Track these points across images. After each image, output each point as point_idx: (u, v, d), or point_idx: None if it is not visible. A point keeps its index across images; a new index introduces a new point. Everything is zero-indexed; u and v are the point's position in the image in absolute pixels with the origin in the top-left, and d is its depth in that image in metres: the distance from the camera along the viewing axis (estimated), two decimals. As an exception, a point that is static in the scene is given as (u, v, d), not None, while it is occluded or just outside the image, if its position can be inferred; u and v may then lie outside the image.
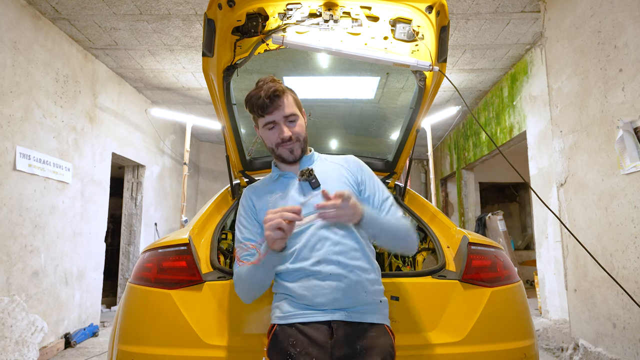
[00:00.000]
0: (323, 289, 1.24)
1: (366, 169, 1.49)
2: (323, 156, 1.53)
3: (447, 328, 1.53)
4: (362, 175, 1.45)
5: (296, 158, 1.42)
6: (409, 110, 2.08)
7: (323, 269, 1.26)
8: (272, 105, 1.34)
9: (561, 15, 3.15)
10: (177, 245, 1.60)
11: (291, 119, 1.39)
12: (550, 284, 4.45)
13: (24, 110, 3.45)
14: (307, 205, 1.31)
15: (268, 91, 1.33)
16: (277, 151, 1.42)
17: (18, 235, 3.37)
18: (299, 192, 1.39)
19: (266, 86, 1.35)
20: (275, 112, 1.36)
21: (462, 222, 7.32)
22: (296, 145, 1.40)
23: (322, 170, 1.43)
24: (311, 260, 1.28)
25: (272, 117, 1.36)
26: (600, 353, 2.77)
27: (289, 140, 1.38)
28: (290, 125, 1.39)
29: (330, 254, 1.28)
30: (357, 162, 1.50)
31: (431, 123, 5.69)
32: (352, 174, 1.44)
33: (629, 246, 2.51)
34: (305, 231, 1.31)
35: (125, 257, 5.83)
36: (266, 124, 1.39)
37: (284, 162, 1.45)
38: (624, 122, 2.43)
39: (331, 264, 1.27)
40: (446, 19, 1.50)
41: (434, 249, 2.12)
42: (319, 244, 1.29)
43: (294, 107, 1.40)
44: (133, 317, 1.54)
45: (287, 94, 1.40)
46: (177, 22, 3.84)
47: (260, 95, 1.34)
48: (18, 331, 3.29)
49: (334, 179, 1.41)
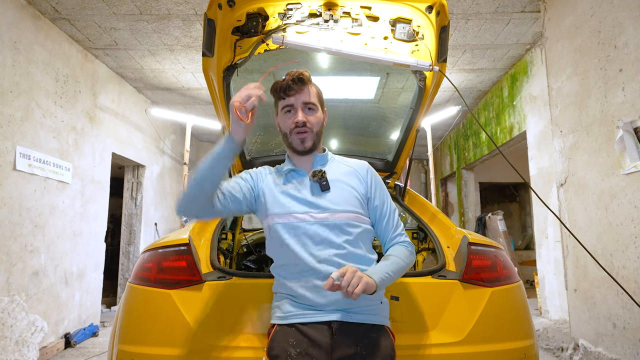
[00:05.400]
0: (324, 289, 1.24)
1: (377, 179, 1.48)
2: (338, 158, 1.52)
3: (447, 328, 1.53)
4: (373, 184, 1.45)
5: (305, 149, 1.40)
6: (409, 110, 2.08)
7: (324, 268, 1.26)
8: (294, 88, 1.36)
9: (561, 15, 3.15)
10: (177, 245, 1.60)
11: (310, 106, 1.39)
12: (550, 284, 4.45)
13: (24, 110, 3.45)
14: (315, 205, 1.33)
15: (294, 75, 1.36)
16: (289, 138, 1.41)
17: (18, 235, 3.37)
18: (308, 190, 1.38)
19: (294, 72, 1.38)
20: (297, 95, 1.37)
21: (462, 222, 7.32)
22: (309, 136, 1.39)
23: (334, 174, 1.42)
24: (311, 259, 1.28)
25: (291, 100, 1.38)
26: (600, 353, 2.77)
27: (303, 127, 1.37)
28: (308, 113, 1.39)
29: (332, 255, 1.28)
30: (370, 170, 1.49)
31: (431, 123, 5.69)
32: (362, 182, 1.44)
33: (629, 246, 2.51)
34: (308, 229, 1.31)
35: (125, 257, 5.83)
36: (285, 106, 1.39)
37: (295, 152, 1.43)
38: (624, 122, 2.43)
39: (332, 264, 1.27)
40: (446, 19, 1.50)
41: (434, 249, 2.13)
42: (322, 244, 1.30)
43: (315, 99, 1.41)
44: (133, 317, 1.54)
45: (312, 85, 1.42)
46: (177, 22, 3.84)
47: (286, 78, 1.37)
48: (18, 331, 3.29)
49: (343, 184, 1.40)
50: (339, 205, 1.34)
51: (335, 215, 1.32)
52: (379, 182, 1.47)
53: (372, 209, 1.42)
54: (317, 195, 1.36)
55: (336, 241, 1.29)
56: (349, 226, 1.33)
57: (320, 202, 1.34)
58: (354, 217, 1.34)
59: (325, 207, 1.33)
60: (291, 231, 1.32)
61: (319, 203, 1.34)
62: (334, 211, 1.33)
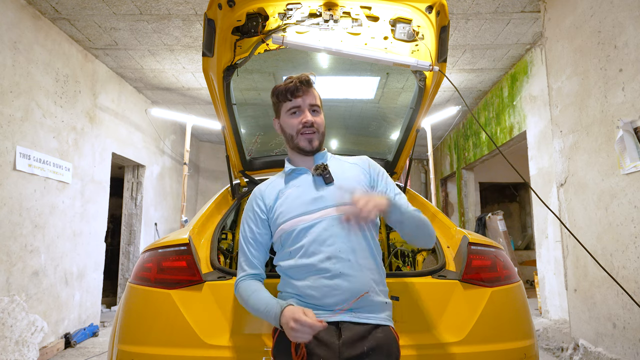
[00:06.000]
0: (332, 289, 1.24)
1: (379, 169, 1.50)
2: (337, 156, 1.54)
3: (447, 328, 1.53)
4: (375, 174, 1.47)
5: (313, 149, 1.41)
6: (409, 110, 2.09)
7: (332, 266, 1.25)
8: (302, 89, 1.38)
9: (561, 15, 3.15)
10: (177, 245, 1.60)
11: (315, 108, 1.42)
12: (550, 284, 4.45)
13: (24, 110, 3.45)
14: (320, 200, 1.33)
15: (301, 77, 1.39)
16: (296, 139, 1.41)
17: (18, 235, 3.37)
18: (312, 187, 1.39)
19: (299, 74, 1.41)
20: (304, 96, 1.39)
21: (462, 222, 7.32)
22: (315, 136, 1.41)
23: (336, 168, 1.44)
24: (320, 256, 1.27)
25: (298, 101, 1.39)
26: (600, 353, 2.77)
27: (311, 127, 1.39)
28: (314, 115, 1.41)
29: (341, 251, 1.28)
30: (371, 162, 1.52)
31: (431, 123, 5.69)
32: (365, 173, 1.45)
33: (629, 246, 2.51)
34: (316, 225, 1.31)
35: (125, 257, 5.83)
36: (290, 108, 1.40)
37: (301, 153, 1.44)
38: (624, 122, 2.43)
39: (341, 261, 1.27)
40: (446, 19, 1.50)
41: (434, 249, 2.12)
42: (330, 239, 1.29)
43: (319, 101, 1.44)
44: (133, 317, 1.54)
45: (315, 89, 1.45)
46: (177, 22, 3.84)
47: (293, 79, 1.39)
48: (18, 331, 3.29)
49: (347, 177, 1.42)
50: (344, 198, 1.34)
51: (341, 209, 1.32)
52: (380, 170, 1.49)
53: None
54: (322, 189, 1.37)
55: (344, 235, 1.30)
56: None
57: (325, 196, 1.35)
58: None
59: (330, 201, 1.34)
60: (299, 234, 1.32)
61: (324, 197, 1.35)
62: (339, 204, 1.32)
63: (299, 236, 1.32)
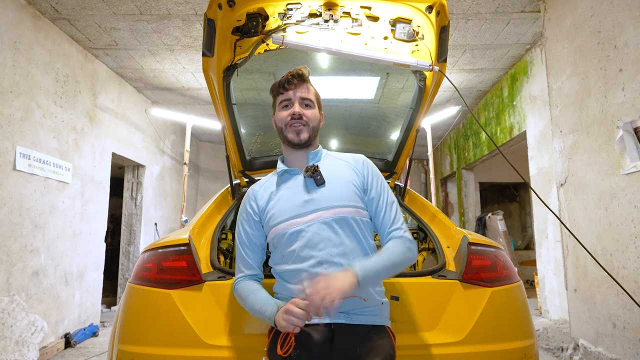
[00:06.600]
0: None
1: (374, 170, 1.46)
2: (332, 153, 1.51)
3: (447, 328, 1.53)
4: (369, 176, 1.42)
5: (301, 142, 1.39)
6: (409, 110, 2.08)
7: (324, 271, 1.24)
8: (293, 82, 1.39)
9: (561, 15, 3.15)
10: (177, 245, 1.60)
11: (307, 102, 1.41)
12: (550, 284, 4.45)
13: (24, 110, 3.45)
14: (311, 202, 1.32)
15: (294, 71, 1.40)
16: (284, 131, 1.41)
17: (18, 235, 3.37)
18: (303, 189, 1.38)
19: (294, 69, 1.42)
20: (294, 90, 1.40)
21: (462, 222, 7.32)
22: (304, 129, 1.39)
23: (329, 169, 1.41)
24: (311, 261, 1.27)
25: (289, 94, 1.40)
26: (600, 353, 2.77)
27: (299, 119, 1.38)
28: (304, 108, 1.41)
29: (332, 255, 1.27)
30: (366, 162, 1.47)
31: (431, 123, 5.69)
32: (358, 174, 1.42)
33: (629, 246, 2.51)
34: (307, 229, 1.30)
35: (125, 257, 5.83)
36: (282, 101, 1.41)
37: (290, 146, 1.43)
38: (624, 122, 2.43)
39: (333, 265, 1.26)
40: (446, 19, 1.50)
41: (434, 249, 2.13)
42: (321, 243, 1.28)
43: (313, 97, 1.44)
44: (133, 317, 1.54)
45: (311, 85, 1.46)
46: (177, 22, 3.84)
47: (286, 74, 1.41)
48: (18, 331, 3.29)
49: (339, 178, 1.39)
50: (336, 201, 1.32)
51: (332, 212, 1.31)
52: (375, 173, 1.45)
53: (368, 201, 1.39)
54: (313, 191, 1.35)
55: (335, 239, 1.28)
56: (348, 221, 1.31)
57: (316, 199, 1.33)
58: (351, 211, 1.33)
59: (321, 203, 1.32)
60: (291, 237, 1.31)
61: (315, 200, 1.33)
62: (330, 207, 1.31)
63: (290, 240, 1.31)
